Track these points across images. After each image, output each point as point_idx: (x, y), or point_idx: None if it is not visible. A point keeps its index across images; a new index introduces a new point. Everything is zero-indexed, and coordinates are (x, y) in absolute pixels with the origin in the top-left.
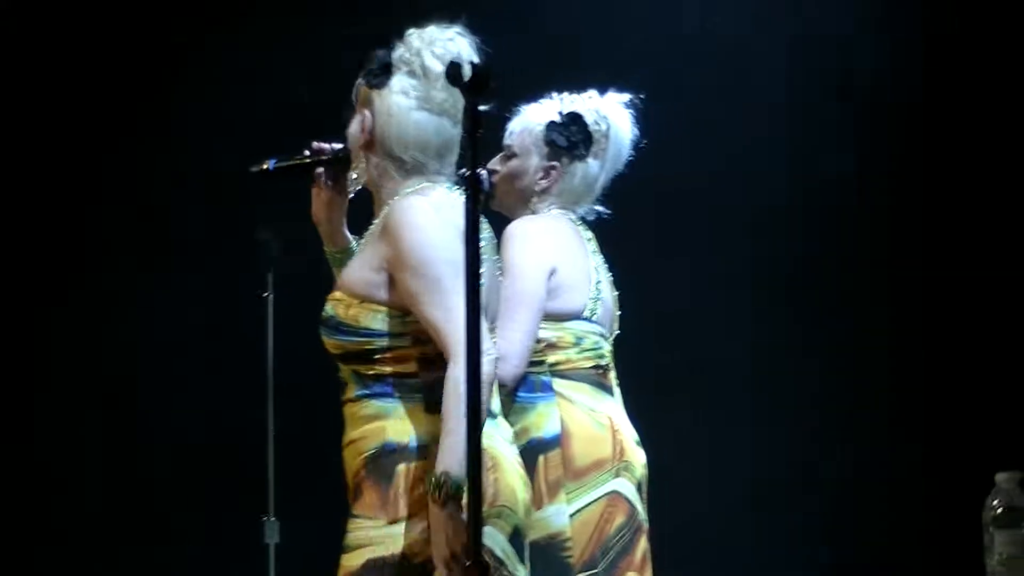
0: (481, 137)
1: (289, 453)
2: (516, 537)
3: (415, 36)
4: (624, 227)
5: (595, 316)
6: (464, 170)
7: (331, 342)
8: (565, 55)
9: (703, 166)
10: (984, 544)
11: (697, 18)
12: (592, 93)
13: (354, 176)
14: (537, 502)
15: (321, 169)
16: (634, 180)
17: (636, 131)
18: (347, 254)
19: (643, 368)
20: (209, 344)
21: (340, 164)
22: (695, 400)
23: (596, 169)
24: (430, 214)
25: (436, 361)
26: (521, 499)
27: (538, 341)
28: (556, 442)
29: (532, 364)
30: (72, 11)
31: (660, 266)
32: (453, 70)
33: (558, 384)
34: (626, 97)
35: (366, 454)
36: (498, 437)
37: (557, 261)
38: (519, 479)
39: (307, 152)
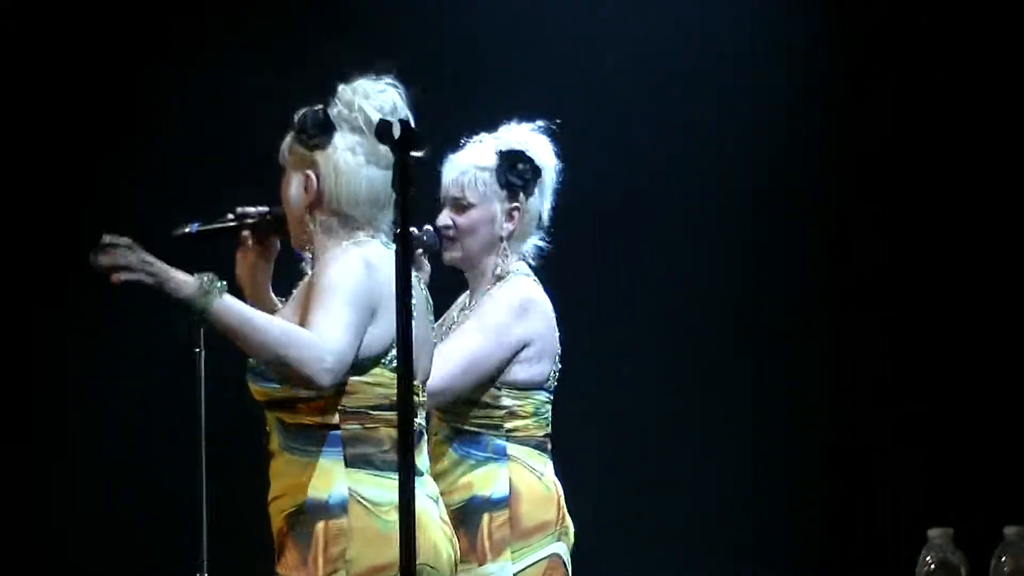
0: (413, 194)
1: (221, 509)
2: None
3: (349, 91)
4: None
5: (553, 386)
6: (397, 227)
7: (256, 388)
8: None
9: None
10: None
11: (599, 37)
12: (506, 128)
13: (302, 238)
14: (480, 558)
15: (247, 232)
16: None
17: (557, 157)
18: None
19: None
20: (138, 401)
21: (268, 227)
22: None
23: (539, 203)
24: (359, 264)
25: (357, 413)
26: (445, 555)
27: (500, 407)
28: (504, 503)
29: (490, 427)
30: (72, 12)
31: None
32: (383, 127)
33: (512, 448)
34: (536, 124)
35: (287, 511)
36: (421, 494)
37: (535, 336)
38: (442, 535)
39: (230, 216)
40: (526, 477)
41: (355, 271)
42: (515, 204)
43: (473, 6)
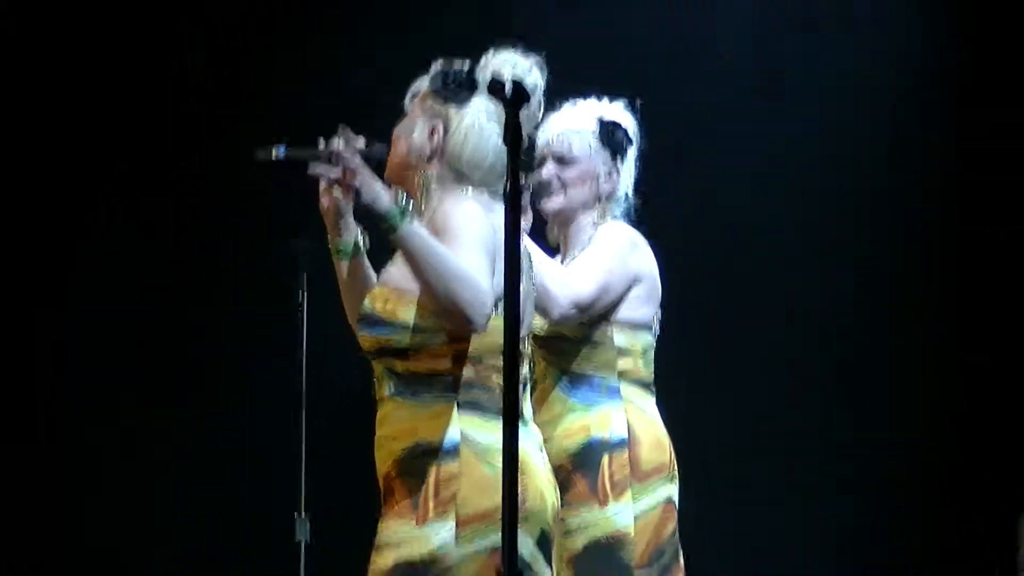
0: (522, 151)
1: (321, 452)
2: (543, 541)
3: (498, 58)
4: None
5: (656, 332)
6: (506, 183)
7: (367, 337)
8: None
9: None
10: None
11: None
12: (594, 100)
13: (406, 180)
14: (602, 499)
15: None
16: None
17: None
18: (355, 246)
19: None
20: (243, 345)
21: (368, 161)
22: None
23: (626, 174)
24: (479, 212)
25: (470, 359)
26: (549, 503)
27: (611, 347)
28: (623, 444)
29: (602, 368)
30: (73, 12)
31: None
32: (495, 84)
33: (626, 390)
34: (622, 103)
35: (397, 455)
36: (527, 442)
37: (645, 273)
38: (548, 483)
39: (321, 145)
40: (641, 419)
41: (479, 218)
42: (614, 166)
43: None
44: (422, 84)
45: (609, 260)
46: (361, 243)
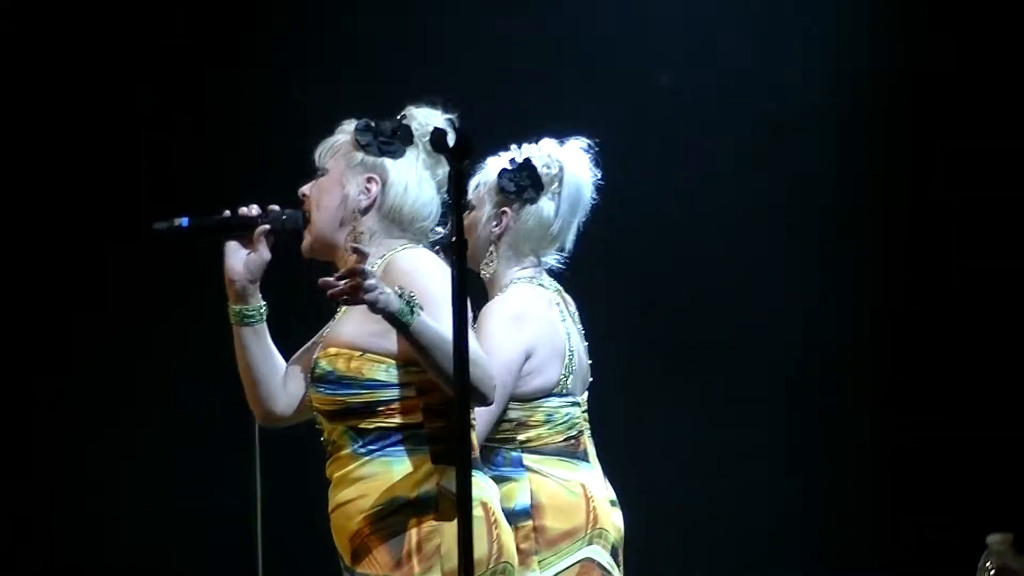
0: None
1: (276, 521)
2: None
3: (421, 113)
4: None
5: (566, 389)
6: (450, 235)
7: (329, 398)
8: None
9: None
10: None
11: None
12: (547, 141)
13: (338, 237)
14: None
15: (264, 230)
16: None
17: (595, 174)
18: (259, 312)
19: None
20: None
21: (288, 226)
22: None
23: (550, 212)
24: (434, 262)
25: (441, 412)
26: (516, 561)
27: (508, 421)
28: (525, 514)
29: (502, 441)
30: (73, 13)
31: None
32: (438, 136)
33: (528, 459)
34: (583, 142)
35: (370, 512)
36: (494, 496)
37: (533, 345)
38: (512, 537)
39: (227, 212)
40: (547, 486)
41: (442, 272)
42: (504, 208)
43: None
44: (337, 140)
45: (499, 355)
46: (264, 308)
